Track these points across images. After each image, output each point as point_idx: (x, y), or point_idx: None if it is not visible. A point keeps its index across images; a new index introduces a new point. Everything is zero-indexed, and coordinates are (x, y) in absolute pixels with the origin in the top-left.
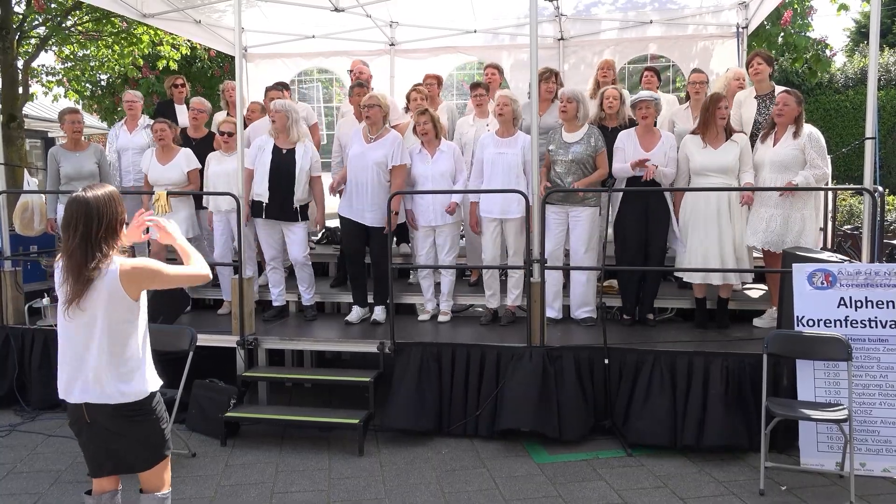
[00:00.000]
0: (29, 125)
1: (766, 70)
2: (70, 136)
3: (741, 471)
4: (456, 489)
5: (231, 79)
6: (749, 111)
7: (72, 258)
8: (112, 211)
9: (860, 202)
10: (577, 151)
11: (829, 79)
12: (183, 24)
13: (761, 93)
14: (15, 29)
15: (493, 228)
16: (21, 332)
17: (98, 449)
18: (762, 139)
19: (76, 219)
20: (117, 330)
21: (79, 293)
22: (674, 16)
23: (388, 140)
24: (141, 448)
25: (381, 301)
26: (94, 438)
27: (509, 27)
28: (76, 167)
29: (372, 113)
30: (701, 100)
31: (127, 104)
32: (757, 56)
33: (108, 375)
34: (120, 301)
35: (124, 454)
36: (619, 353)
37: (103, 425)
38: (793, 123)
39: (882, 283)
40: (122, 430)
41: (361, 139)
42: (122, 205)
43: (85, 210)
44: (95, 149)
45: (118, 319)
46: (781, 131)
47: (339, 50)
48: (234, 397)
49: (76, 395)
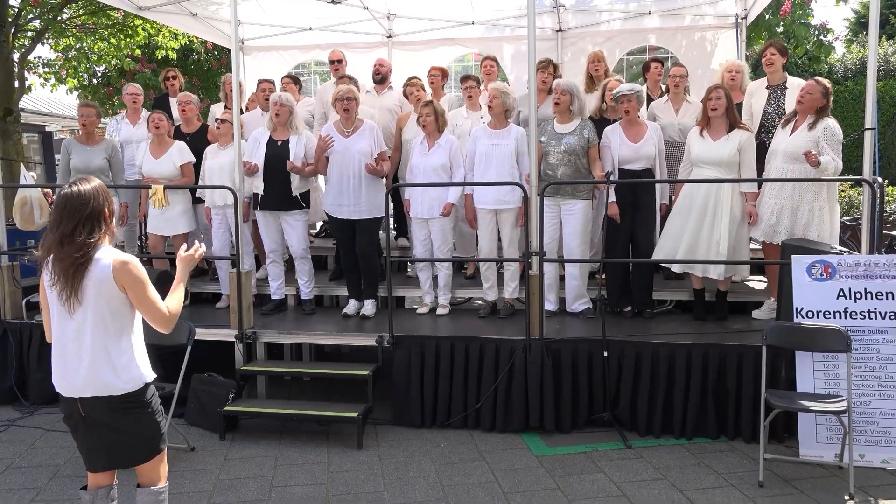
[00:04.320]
0: (26, 119)
1: (779, 61)
2: (82, 129)
3: (740, 462)
4: (455, 482)
5: (228, 71)
6: (760, 101)
7: (58, 252)
8: (98, 204)
9: (859, 193)
10: (569, 143)
11: (828, 69)
12: (179, 16)
13: (773, 83)
14: (10, 22)
15: (489, 220)
16: (19, 326)
17: (93, 443)
18: (783, 125)
19: (61, 213)
20: (111, 322)
21: (73, 288)
22: (672, 7)
23: (367, 130)
24: (136, 441)
25: (371, 295)
26: (89, 432)
27: (508, 19)
28: (85, 161)
29: (350, 106)
30: (680, 93)
31: (129, 97)
32: (771, 46)
33: (103, 368)
34: (113, 294)
35: (120, 448)
36: (619, 346)
37: (98, 419)
38: (814, 114)
39: (881, 274)
40: (116, 424)
41: (337, 134)
42: (110, 198)
43: (70, 203)
44: (107, 144)
45: (111, 312)
46: (801, 119)
47: (337, 42)
48: (233, 391)
49: (70, 389)
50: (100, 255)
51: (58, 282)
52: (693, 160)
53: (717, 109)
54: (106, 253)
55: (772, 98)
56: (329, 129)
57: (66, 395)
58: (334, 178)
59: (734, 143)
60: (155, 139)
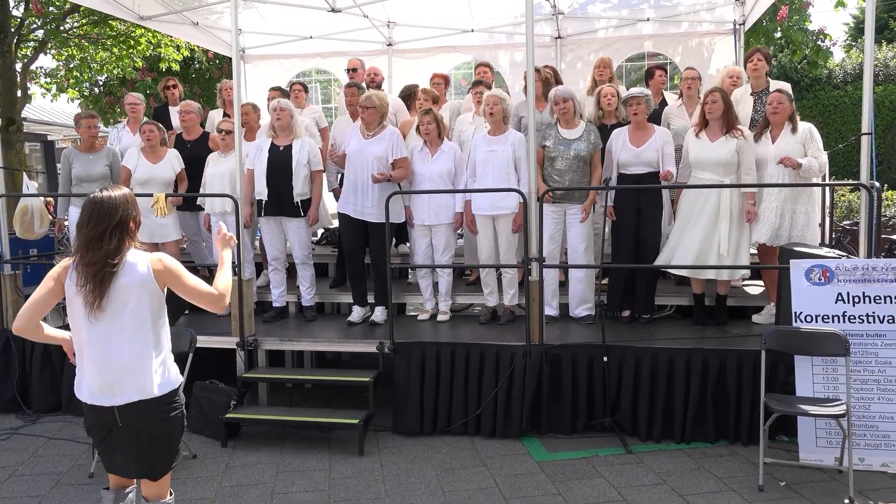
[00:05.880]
0: (28, 128)
1: (764, 67)
2: (85, 139)
3: (740, 467)
4: (456, 488)
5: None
6: (746, 108)
7: (89, 258)
8: (127, 210)
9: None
10: (579, 148)
11: (827, 74)
12: (180, 26)
13: (757, 89)
14: (13, 32)
15: (487, 226)
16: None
17: (126, 450)
18: (755, 138)
19: (93, 219)
20: (150, 325)
21: (102, 293)
22: (669, 13)
23: (387, 135)
24: (164, 445)
25: (382, 301)
26: (122, 440)
27: (506, 26)
28: (87, 169)
29: (367, 114)
30: (693, 96)
31: (129, 106)
32: (757, 52)
33: (148, 370)
34: (152, 294)
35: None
36: (618, 351)
37: (134, 426)
38: (788, 120)
39: (880, 278)
40: (151, 428)
41: (359, 135)
42: (137, 205)
43: (101, 210)
44: (108, 152)
45: (151, 314)
46: (778, 129)
47: (337, 50)
48: (235, 398)
49: (113, 398)
50: (131, 259)
51: (84, 286)
52: (692, 162)
53: (713, 112)
54: (136, 256)
55: (757, 104)
56: (353, 130)
57: (103, 404)
58: (350, 177)
59: (733, 143)
60: (147, 148)
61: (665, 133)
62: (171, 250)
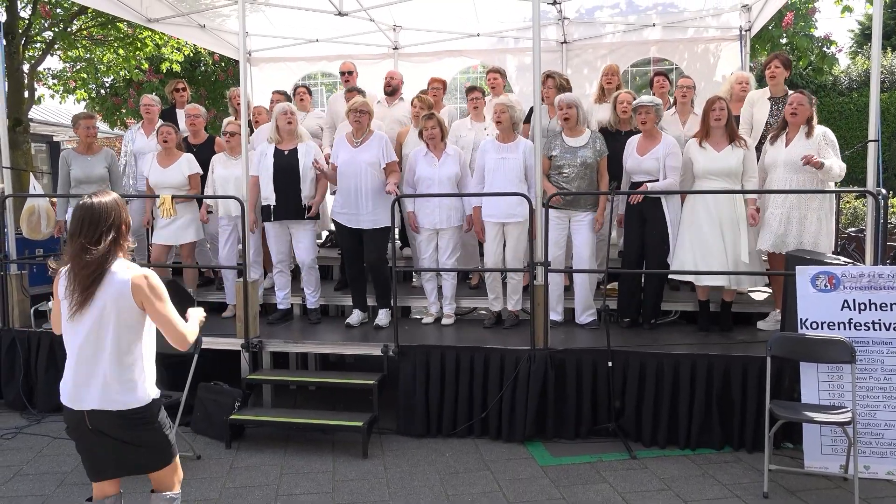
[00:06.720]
0: (35, 129)
1: (782, 73)
2: (83, 140)
3: (745, 473)
4: (460, 492)
5: (235, 83)
6: (762, 112)
7: (77, 263)
8: (117, 216)
9: (864, 204)
10: (585, 156)
11: (833, 81)
12: (188, 28)
13: (775, 95)
14: (21, 34)
15: (496, 233)
16: (27, 335)
17: (99, 453)
18: (771, 140)
19: (82, 224)
20: (124, 336)
21: (85, 299)
22: (675, 19)
23: (375, 141)
24: (146, 453)
25: (384, 305)
26: (95, 444)
27: (513, 31)
28: (86, 171)
29: (362, 118)
30: (687, 104)
31: (144, 108)
32: (776, 58)
33: (114, 382)
34: (129, 309)
35: (126, 457)
36: (623, 356)
37: (104, 431)
38: (805, 124)
39: (886, 285)
40: (124, 437)
41: (347, 145)
42: (127, 210)
43: (90, 215)
44: (107, 153)
45: (125, 326)
46: (794, 132)
47: (343, 54)
48: (239, 400)
49: (80, 402)
50: (115, 268)
51: (69, 288)
52: (700, 173)
53: (720, 120)
54: (122, 266)
55: (774, 110)
56: (340, 141)
57: (73, 406)
58: (342, 187)
59: (740, 153)
60: (163, 151)
61: (671, 143)
62: (188, 252)
